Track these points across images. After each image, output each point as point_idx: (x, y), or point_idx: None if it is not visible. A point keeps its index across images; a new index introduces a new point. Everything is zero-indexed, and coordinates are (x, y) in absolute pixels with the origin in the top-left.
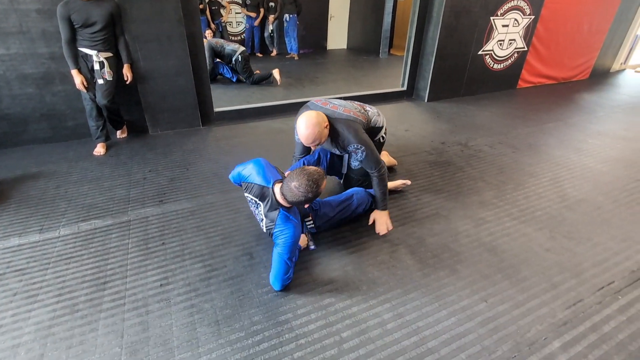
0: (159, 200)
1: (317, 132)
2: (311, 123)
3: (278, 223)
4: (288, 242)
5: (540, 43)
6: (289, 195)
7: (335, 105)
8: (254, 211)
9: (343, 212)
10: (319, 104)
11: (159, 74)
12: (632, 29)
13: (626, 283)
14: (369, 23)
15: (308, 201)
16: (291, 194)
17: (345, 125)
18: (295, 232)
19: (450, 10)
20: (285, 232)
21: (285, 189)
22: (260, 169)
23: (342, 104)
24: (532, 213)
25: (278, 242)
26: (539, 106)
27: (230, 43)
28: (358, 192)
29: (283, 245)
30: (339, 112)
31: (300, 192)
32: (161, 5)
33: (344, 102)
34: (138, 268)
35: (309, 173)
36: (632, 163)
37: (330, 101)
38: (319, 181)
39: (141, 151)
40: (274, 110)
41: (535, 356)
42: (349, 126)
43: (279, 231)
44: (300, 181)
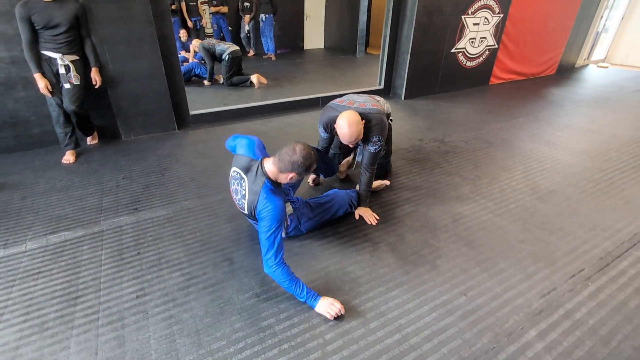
0: (134, 208)
1: (358, 130)
2: (353, 122)
3: (262, 196)
4: (274, 215)
5: (509, 40)
6: (284, 160)
7: (362, 102)
8: (236, 190)
9: (323, 214)
10: (344, 104)
11: (130, 77)
12: (593, 26)
13: (595, 270)
14: (344, 22)
15: (302, 168)
16: (288, 157)
17: (377, 119)
18: (280, 205)
19: (423, 10)
20: (270, 205)
21: (279, 158)
22: (252, 145)
23: (365, 100)
24: (507, 206)
25: (262, 217)
26: (510, 101)
27: (222, 43)
28: (338, 194)
29: (269, 219)
30: (369, 108)
31: (296, 156)
32: (129, 6)
33: (362, 97)
34: (112, 280)
35: (304, 145)
36: (598, 154)
37: (352, 99)
38: (313, 152)
39: (114, 158)
40: (252, 112)
41: (513, 346)
42: (380, 120)
43: (262, 205)
44: (296, 148)
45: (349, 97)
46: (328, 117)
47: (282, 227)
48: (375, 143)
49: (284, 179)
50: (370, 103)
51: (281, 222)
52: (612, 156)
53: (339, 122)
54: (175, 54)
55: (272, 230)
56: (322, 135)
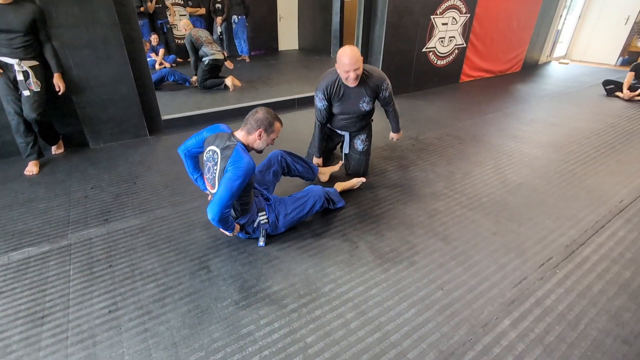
0: (104, 219)
1: (359, 54)
2: (354, 48)
3: (233, 154)
4: (241, 167)
5: (477, 39)
6: (249, 121)
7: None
8: (209, 169)
9: (299, 209)
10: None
11: (96, 83)
12: (553, 25)
13: (562, 257)
14: (318, 23)
15: (267, 122)
16: (252, 117)
17: (371, 67)
18: (250, 162)
19: (393, 10)
20: (240, 161)
21: (245, 124)
22: (217, 126)
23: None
24: (479, 200)
25: (228, 170)
26: (479, 98)
27: (211, 45)
28: (313, 189)
29: (234, 169)
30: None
31: (259, 114)
32: (92, 8)
33: None
34: (82, 296)
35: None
36: (561, 146)
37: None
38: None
39: (81, 167)
40: (227, 115)
41: (489, 336)
42: (375, 68)
43: (232, 159)
44: (257, 109)
45: None
46: (327, 81)
47: (244, 183)
48: (387, 89)
49: (253, 140)
50: None
51: (245, 178)
52: (574, 148)
53: (340, 51)
54: (144, 57)
55: (236, 180)
56: (319, 106)
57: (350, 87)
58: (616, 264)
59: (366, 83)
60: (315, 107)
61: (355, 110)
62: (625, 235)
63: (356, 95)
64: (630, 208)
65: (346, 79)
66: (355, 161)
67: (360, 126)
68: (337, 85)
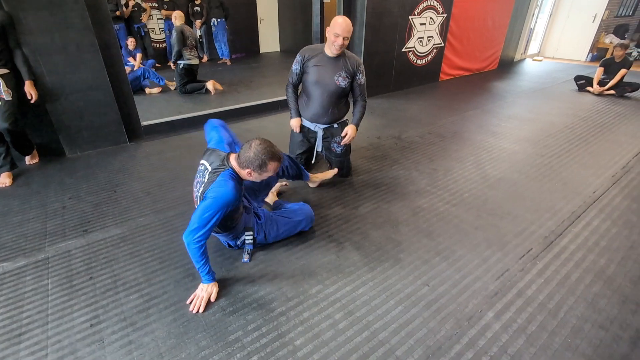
0: (83, 230)
1: (351, 24)
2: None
3: (219, 179)
4: (221, 196)
5: (454, 38)
6: (242, 155)
7: None
8: (197, 183)
9: (290, 230)
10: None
11: (71, 90)
12: (526, 24)
13: (541, 248)
14: (298, 25)
15: (256, 164)
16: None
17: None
18: (233, 192)
19: (372, 11)
20: (222, 187)
21: (239, 154)
22: (222, 142)
23: None
24: (461, 196)
25: (209, 196)
26: (459, 96)
27: (191, 50)
28: (305, 210)
29: (214, 198)
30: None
31: (250, 152)
32: (64, 13)
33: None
34: (62, 311)
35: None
36: (537, 141)
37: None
38: (270, 149)
39: (58, 177)
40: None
41: (474, 329)
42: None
43: (215, 185)
44: (252, 144)
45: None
46: (309, 48)
47: (221, 214)
48: (363, 73)
49: (244, 175)
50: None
51: (221, 213)
52: (550, 142)
53: (336, 17)
54: (121, 62)
55: (211, 212)
56: (293, 69)
57: (329, 57)
58: (592, 252)
59: (345, 59)
60: (290, 71)
61: (330, 82)
62: (599, 224)
63: (333, 67)
64: (603, 198)
65: (333, 42)
66: (336, 164)
67: (333, 117)
68: (317, 53)
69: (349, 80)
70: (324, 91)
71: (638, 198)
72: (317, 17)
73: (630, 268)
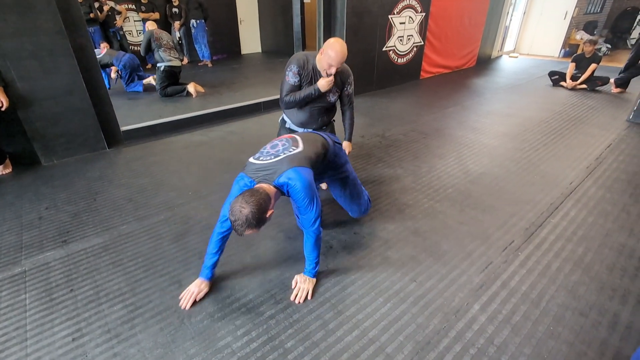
0: (62, 240)
1: (346, 52)
2: (344, 44)
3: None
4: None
5: (433, 37)
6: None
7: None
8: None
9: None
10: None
11: (44, 95)
12: (502, 21)
13: (523, 240)
14: (279, 25)
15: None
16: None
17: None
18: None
19: (352, 11)
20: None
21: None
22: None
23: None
24: (445, 191)
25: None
26: (439, 93)
27: (170, 50)
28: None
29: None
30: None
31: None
32: (34, 16)
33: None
34: (41, 326)
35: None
36: (516, 135)
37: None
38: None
39: (33, 186)
40: (192, 123)
41: (461, 322)
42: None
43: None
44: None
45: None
46: (300, 58)
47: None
48: (352, 84)
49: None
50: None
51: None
52: (528, 136)
53: (331, 42)
54: (97, 66)
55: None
56: (292, 81)
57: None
58: (570, 242)
59: (337, 75)
60: (284, 83)
61: (322, 99)
62: (576, 214)
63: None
64: (579, 189)
65: (326, 70)
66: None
67: (322, 123)
68: (309, 66)
69: (338, 94)
70: (315, 106)
71: (611, 188)
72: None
73: (606, 255)
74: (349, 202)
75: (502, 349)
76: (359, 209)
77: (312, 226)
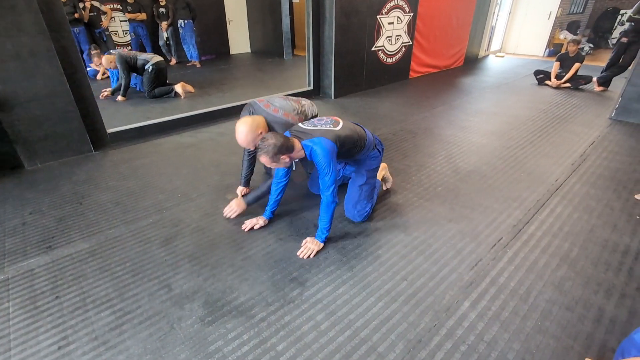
0: (47, 246)
1: (250, 138)
2: (246, 130)
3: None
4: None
5: (421, 37)
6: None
7: (277, 108)
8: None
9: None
10: (262, 104)
11: (27, 98)
12: (488, 21)
13: (511, 237)
14: (268, 25)
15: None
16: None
17: (282, 128)
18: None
19: (341, 11)
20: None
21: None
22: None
23: (283, 107)
24: (435, 190)
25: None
26: (428, 93)
27: (144, 53)
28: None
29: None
30: (279, 117)
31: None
32: (14, 17)
33: (284, 102)
34: (25, 335)
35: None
36: (503, 134)
37: (271, 102)
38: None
39: (16, 191)
40: (180, 124)
41: (451, 320)
42: (289, 126)
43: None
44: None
45: (273, 101)
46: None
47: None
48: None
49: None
50: (282, 112)
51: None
52: (514, 135)
53: (237, 125)
54: (81, 67)
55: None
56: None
57: None
58: (556, 237)
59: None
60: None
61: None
62: (562, 211)
63: None
64: (564, 186)
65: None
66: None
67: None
68: None
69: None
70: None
71: (595, 184)
72: (287, 18)
73: (591, 250)
74: (353, 200)
75: (492, 345)
76: (355, 213)
77: (327, 191)
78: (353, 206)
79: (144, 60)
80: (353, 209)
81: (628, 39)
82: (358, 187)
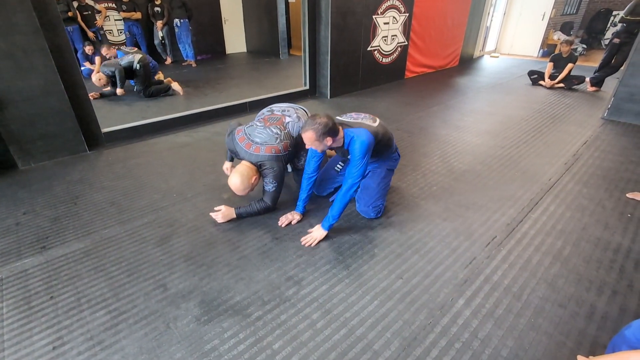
0: (41, 246)
1: (245, 186)
2: (239, 182)
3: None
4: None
5: (417, 37)
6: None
7: (258, 146)
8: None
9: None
10: (243, 145)
11: (20, 97)
12: (483, 22)
13: (505, 235)
14: (264, 25)
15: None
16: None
17: (269, 165)
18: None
19: (336, 11)
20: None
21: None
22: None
23: (265, 141)
24: (430, 189)
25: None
26: (423, 93)
27: (125, 55)
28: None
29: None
30: (262, 155)
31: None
32: (7, 15)
33: (264, 134)
34: (19, 335)
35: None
36: (497, 133)
37: (252, 138)
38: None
39: (9, 191)
40: (176, 123)
41: (446, 317)
42: (271, 165)
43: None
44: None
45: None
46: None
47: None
48: (269, 183)
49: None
50: (264, 147)
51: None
52: (509, 134)
53: (230, 176)
54: (75, 66)
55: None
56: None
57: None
58: (549, 236)
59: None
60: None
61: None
62: (555, 209)
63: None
64: (558, 185)
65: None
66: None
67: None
68: None
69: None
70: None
71: (588, 183)
72: (283, 17)
73: (583, 248)
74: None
75: (486, 342)
76: (371, 209)
77: (352, 179)
78: (370, 202)
79: (129, 61)
80: (368, 205)
81: (620, 39)
82: (377, 183)
